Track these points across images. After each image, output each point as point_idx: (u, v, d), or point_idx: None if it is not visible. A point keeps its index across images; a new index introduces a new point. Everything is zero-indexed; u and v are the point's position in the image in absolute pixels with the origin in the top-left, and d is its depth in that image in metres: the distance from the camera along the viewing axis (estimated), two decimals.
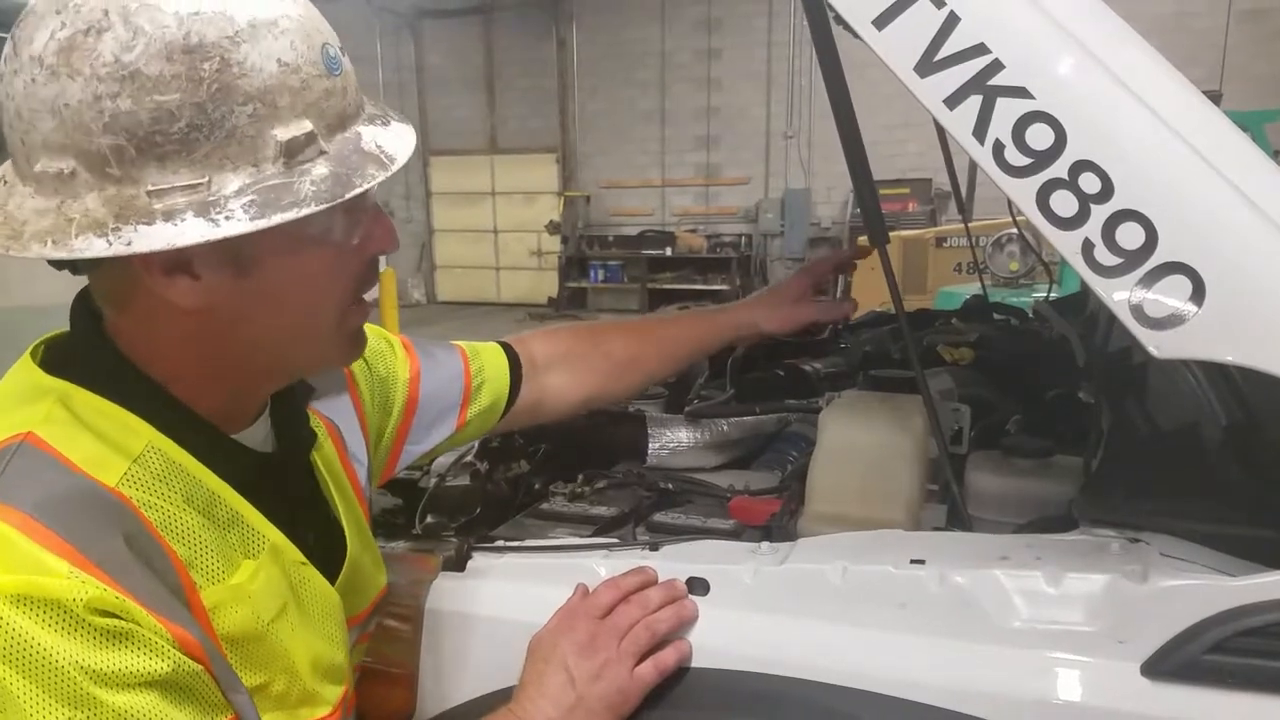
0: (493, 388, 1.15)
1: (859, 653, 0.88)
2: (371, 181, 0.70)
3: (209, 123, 0.64)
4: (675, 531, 1.17)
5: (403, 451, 1.10)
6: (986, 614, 0.87)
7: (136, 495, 0.69)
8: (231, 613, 0.73)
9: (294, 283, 0.73)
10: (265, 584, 0.76)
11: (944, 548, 0.96)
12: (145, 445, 0.72)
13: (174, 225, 0.63)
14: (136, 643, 0.63)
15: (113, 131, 0.62)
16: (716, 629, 0.94)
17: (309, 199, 0.66)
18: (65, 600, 0.61)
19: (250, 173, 0.66)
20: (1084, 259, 0.79)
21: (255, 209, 0.65)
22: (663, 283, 13.17)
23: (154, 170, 0.63)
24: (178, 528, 0.71)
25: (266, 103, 0.66)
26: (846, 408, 1.19)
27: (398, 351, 1.09)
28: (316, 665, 0.81)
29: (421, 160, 14.93)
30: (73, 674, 0.60)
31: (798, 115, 12.36)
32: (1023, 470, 1.21)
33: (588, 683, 0.88)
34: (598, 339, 1.26)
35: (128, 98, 0.62)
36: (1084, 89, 0.81)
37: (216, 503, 0.75)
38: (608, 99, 13.51)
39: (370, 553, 0.96)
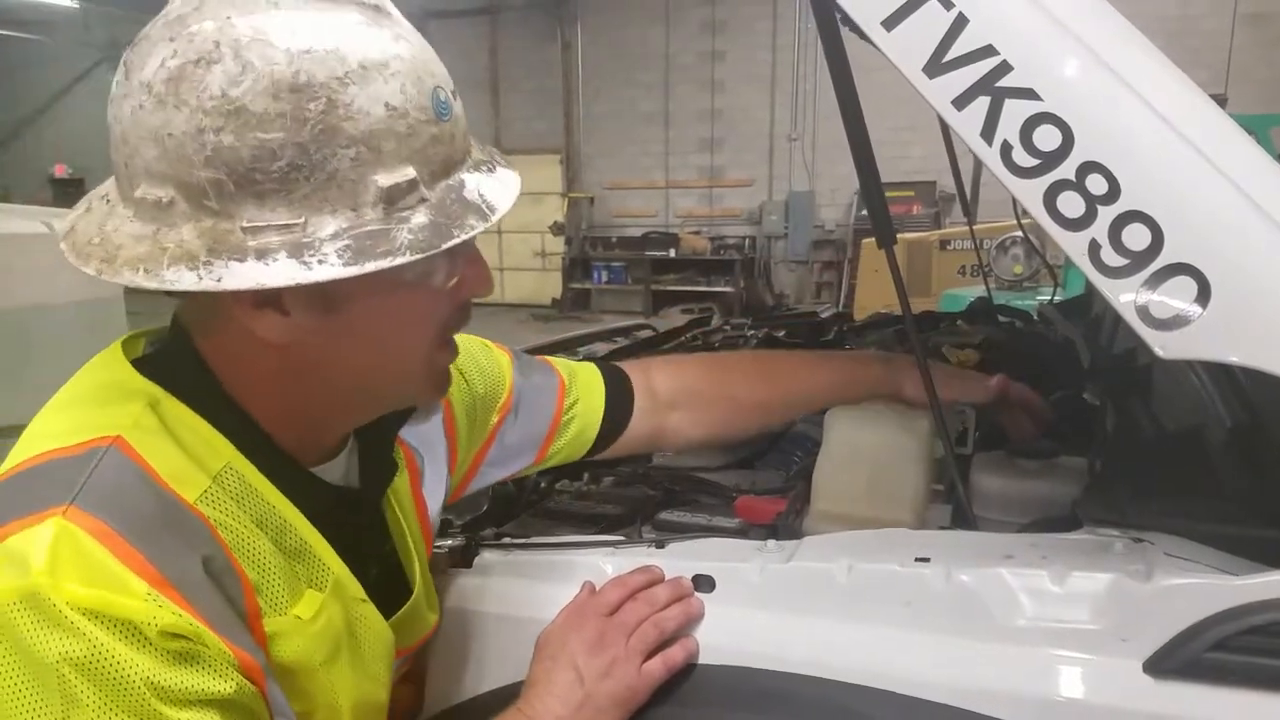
0: (583, 424, 1.13)
1: (865, 650, 0.89)
2: (471, 232, 0.69)
3: (310, 164, 0.63)
4: (681, 530, 1.18)
5: (478, 473, 1.08)
6: (991, 612, 0.87)
7: (213, 515, 0.69)
8: (289, 644, 0.73)
9: (383, 324, 0.73)
10: (325, 625, 0.76)
11: (949, 546, 0.96)
12: (224, 464, 0.72)
13: (265, 264, 0.63)
14: (203, 664, 0.64)
15: (213, 165, 0.62)
16: (722, 626, 0.94)
17: (405, 248, 0.65)
18: (140, 622, 0.61)
19: (348, 217, 0.65)
20: (1090, 260, 0.80)
21: (349, 254, 0.64)
22: (666, 284, 13.19)
23: (251, 207, 0.63)
24: (249, 551, 0.71)
25: (371, 147, 0.64)
26: (852, 408, 1.20)
27: (503, 373, 1.06)
28: (358, 706, 0.81)
29: None
30: (141, 689, 0.61)
31: (802, 117, 12.36)
32: (1028, 471, 1.21)
33: (596, 680, 0.89)
34: (724, 379, 1.22)
35: (230, 133, 0.61)
36: (1091, 91, 0.82)
37: (286, 530, 0.75)
38: (612, 100, 13.52)
39: (428, 590, 0.95)
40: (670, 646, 0.92)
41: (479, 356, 1.05)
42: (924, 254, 7.65)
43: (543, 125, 14.06)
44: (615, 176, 13.83)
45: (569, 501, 1.30)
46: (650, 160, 13.56)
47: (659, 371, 1.20)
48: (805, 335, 2.01)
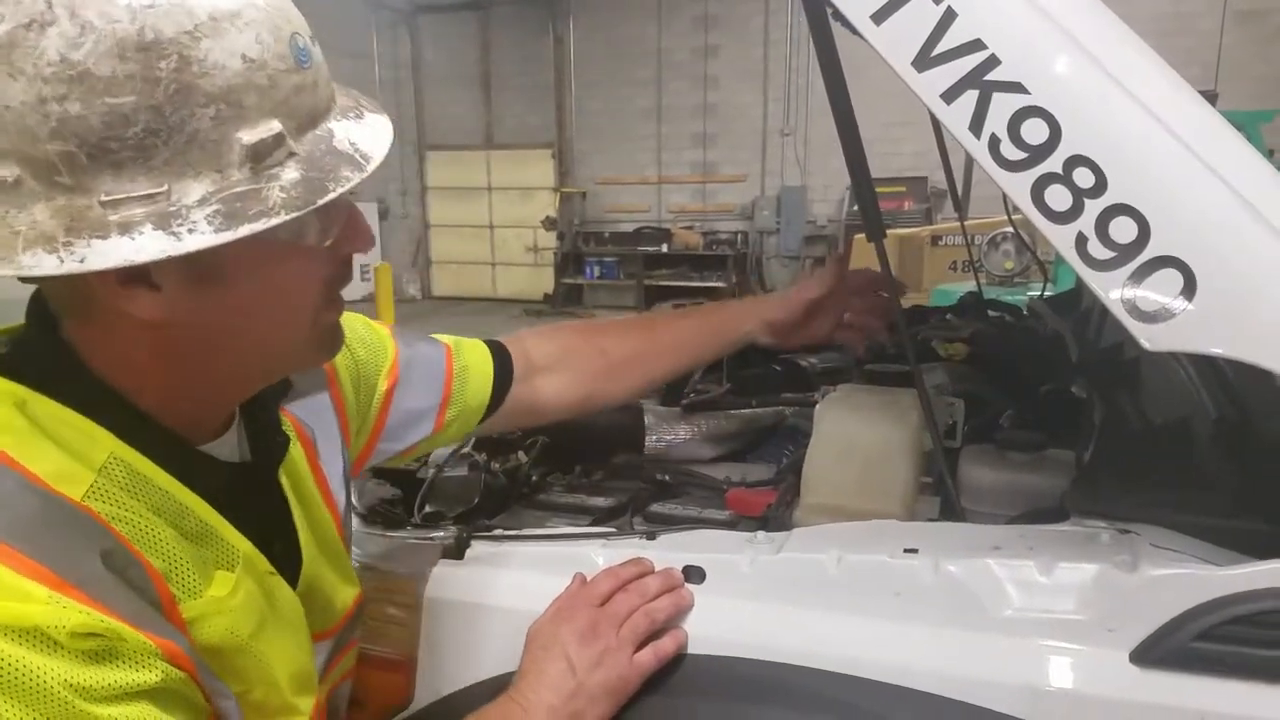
0: (476, 388, 1.10)
1: (854, 640, 0.89)
2: (345, 185, 0.65)
3: (167, 127, 0.58)
4: (672, 522, 1.19)
5: (375, 449, 1.05)
6: (979, 602, 0.88)
7: (105, 509, 0.65)
8: (211, 625, 0.70)
9: (264, 291, 0.68)
10: (245, 599, 0.73)
11: (938, 538, 0.97)
12: (108, 456, 0.67)
13: (131, 239, 0.58)
14: (123, 659, 0.61)
15: (61, 137, 0.57)
16: (713, 617, 0.95)
17: (278, 207, 0.61)
18: (46, 627, 0.58)
19: (214, 179, 0.60)
20: (1077, 253, 0.80)
21: (220, 219, 0.60)
22: (659, 279, 13.19)
23: (108, 178, 0.58)
24: (150, 540, 0.67)
25: (231, 103, 0.60)
26: (842, 401, 1.21)
27: (384, 342, 1.04)
28: (293, 676, 0.79)
29: (418, 155, 14.91)
30: (62, 693, 0.58)
31: (794, 113, 12.38)
32: (1016, 464, 1.22)
33: (588, 670, 0.89)
34: (594, 337, 1.21)
35: (76, 100, 0.56)
36: (1079, 85, 0.82)
37: (185, 514, 0.71)
38: (604, 95, 13.51)
39: (336, 564, 0.91)
40: (661, 637, 0.92)
41: (358, 328, 1.02)
42: (915, 250, 7.67)
43: (535, 120, 14.03)
44: (608, 172, 13.81)
45: (560, 494, 1.31)
46: (643, 155, 13.55)
47: (530, 339, 1.19)
48: None
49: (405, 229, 15.14)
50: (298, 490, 0.87)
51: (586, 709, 0.88)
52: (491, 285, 15.11)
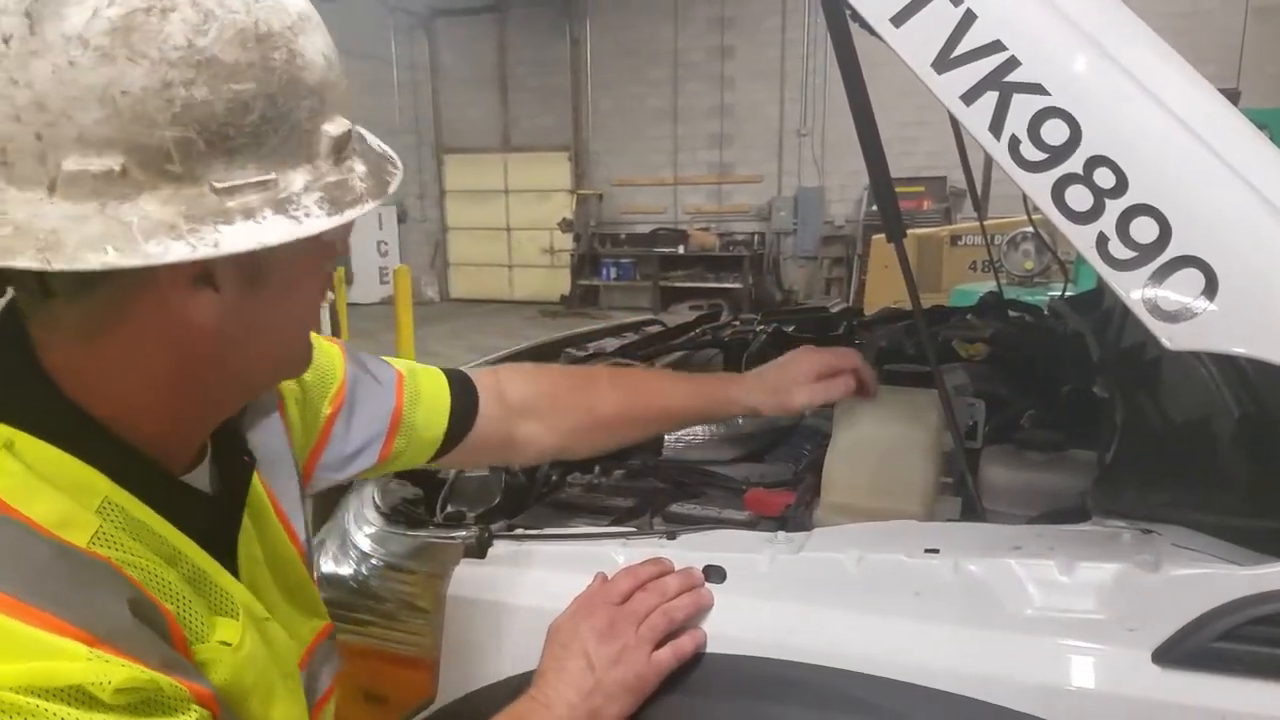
0: (428, 419, 1.04)
1: (874, 639, 0.90)
2: (396, 179, 0.68)
3: (278, 115, 0.59)
4: (691, 522, 1.19)
5: (313, 476, 0.98)
6: (999, 602, 0.88)
7: (115, 555, 0.62)
8: (217, 672, 0.67)
9: (293, 288, 0.69)
10: (251, 650, 0.71)
11: (958, 537, 0.97)
12: (103, 499, 0.63)
13: (256, 224, 0.58)
14: (163, 708, 0.58)
15: (183, 123, 0.56)
16: (733, 616, 0.95)
17: (364, 195, 0.64)
18: (90, 685, 0.54)
19: (309, 170, 0.62)
20: (1098, 253, 0.80)
21: (329, 206, 0.61)
22: (675, 280, 13.20)
23: (220, 167, 0.57)
24: (159, 584, 0.64)
25: (321, 97, 0.62)
26: (861, 402, 1.21)
27: (334, 363, 0.98)
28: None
29: (436, 159, 14.99)
30: None
31: (811, 113, 12.35)
32: (1036, 464, 1.22)
33: (606, 667, 0.89)
34: (583, 389, 1.17)
35: (204, 85, 0.56)
36: (1098, 85, 0.82)
37: (181, 559, 0.68)
38: (620, 97, 13.53)
39: (298, 596, 0.86)
40: (680, 636, 0.93)
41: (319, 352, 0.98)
42: (934, 250, 7.62)
43: (551, 122, 14.08)
44: (624, 173, 13.84)
45: (580, 494, 1.32)
46: (659, 157, 13.56)
47: (511, 378, 1.14)
48: (814, 330, 2.01)
49: (423, 232, 15.23)
50: (258, 523, 0.82)
51: (605, 705, 0.89)
52: (508, 287, 15.17)
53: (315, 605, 0.89)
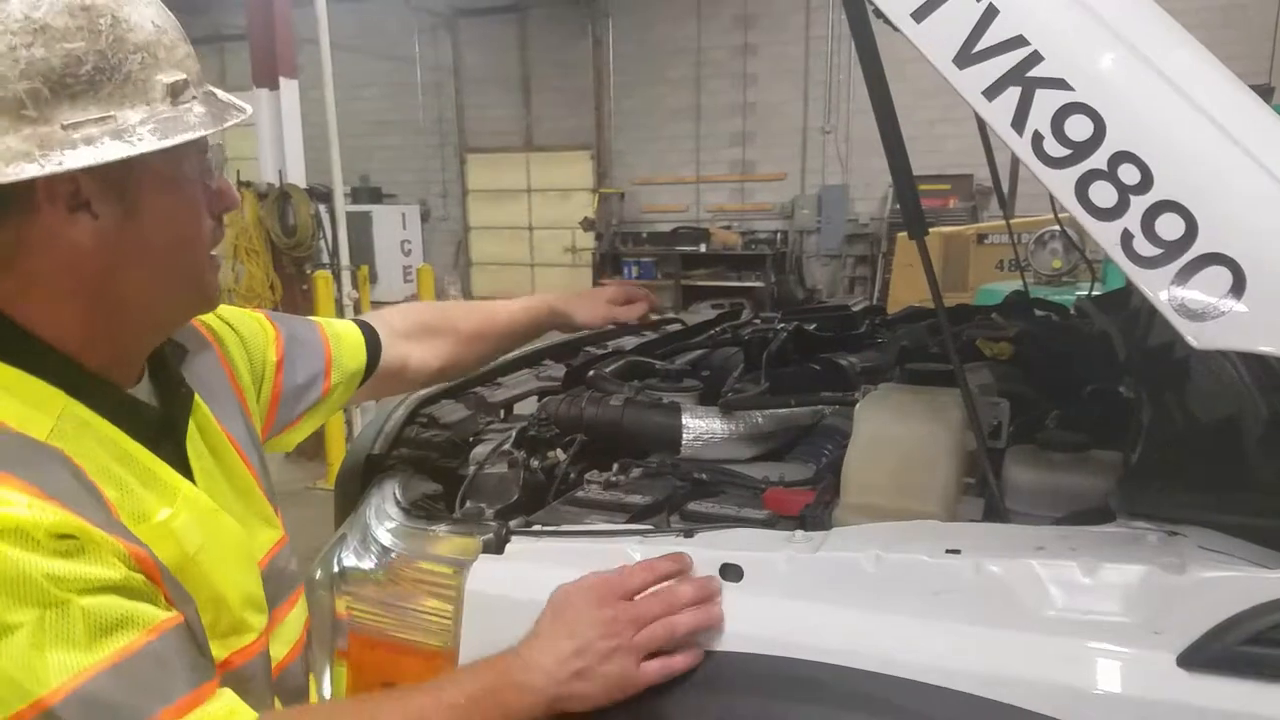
0: (351, 354, 1.25)
1: (892, 639, 0.89)
2: (239, 117, 0.85)
3: (110, 66, 0.76)
4: (709, 520, 1.19)
5: (275, 419, 1.18)
6: (1021, 602, 0.87)
7: (67, 446, 0.78)
8: (160, 548, 0.81)
9: (169, 222, 0.84)
10: (184, 524, 0.85)
11: (979, 538, 0.96)
12: (61, 409, 0.80)
13: (95, 148, 0.75)
14: (92, 556, 0.73)
15: (29, 77, 0.73)
16: (749, 615, 0.95)
17: (196, 125, 0.81)
18: (28, 527, 0.70)
19: (145, 109, 0.79)
20: (1123, 250, 0.79)
21: (159, 132, 0.78)
22: (696, 280, 13.14)
23: (66, 108, 0.75)
24: (105, 474, 0.80)
25: (150, 53, 0.79)
26: (882, 400, 1.20)
27: (262, 321, 1.18)
28: (241, 596, 0.91)
29: (458, 158, 15.07)
30: (41, 581, 0.70)
31: (835, 111, 12.27)
32: (1059, 464, 1.20)
33: (595, 659, 0.90)
34: (446, 315, 1.42)
35: (41, 46, 0.73)
36: (1123, 80, 0.81)
37: (130, 460, 0.84)
38: (643, 96, 13.51)
39: (253, 506, 1.02)
40: (675, 654, 0.92)
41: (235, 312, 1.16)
42: (961, 248, 7.54)
43: (573, 122, 14.09)
44: (646, 172, 13.82)
45: (597, 491, 1.32)
46: (681, 155, 13.53)
47: (391, 313, 1.37)
48: (836, 328, 2.00)
49: (446, 231, 15.30)
50: (206, 437, 0.98)
51: (582, 691, 0.90)
52: (531, 286, 15.21)
53: (270, 517, 1.05)
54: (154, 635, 0.75)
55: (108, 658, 0.72)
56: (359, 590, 1.19)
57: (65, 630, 0.71)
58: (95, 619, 0.72)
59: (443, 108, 14.77)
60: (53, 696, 0.69)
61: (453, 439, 1.52)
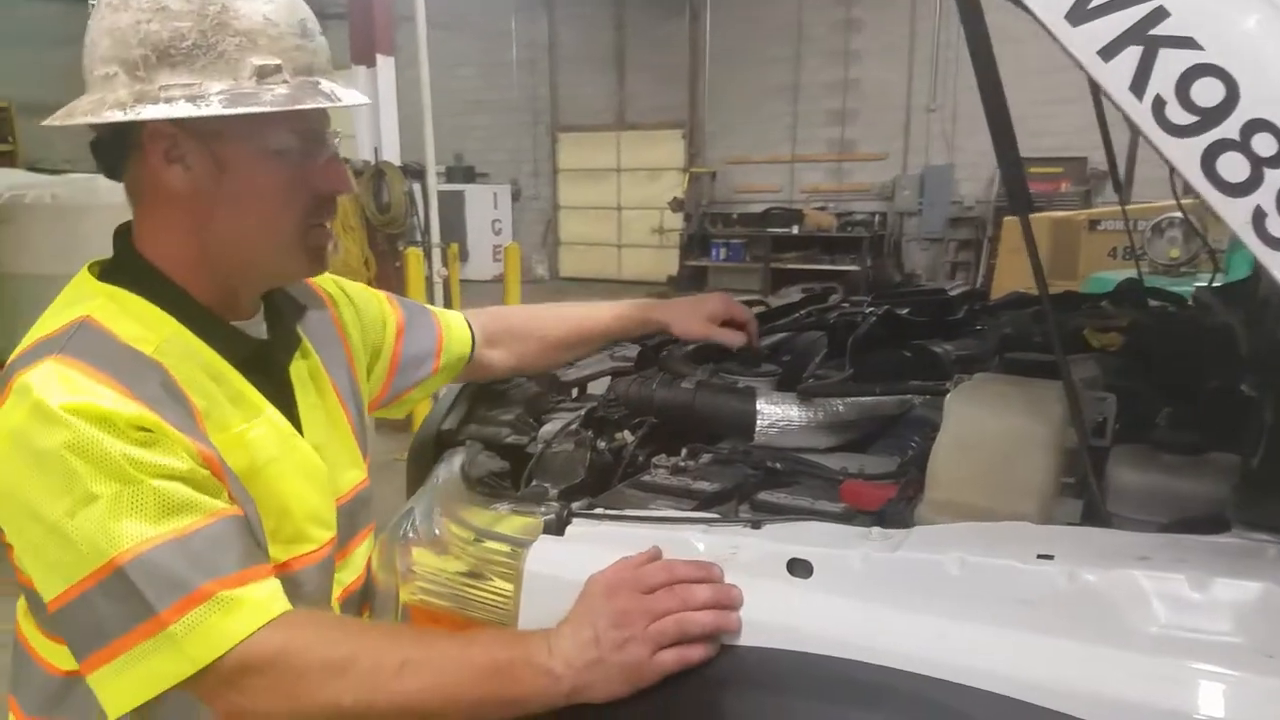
0: (459, 341, 1.40)
1: (975, 649, 0.82)
2: (316, 104, 0.95)
3: (207, 44, 0.91)
4: (780, 511, 1.13)
5: (391, 385, 1.34)
6: (1120, 617, 0.80)
7: (167, 361, 0.94)
8: (234, 455, 0.96)
9: (255, 184, 0.97)
10: (260, 438, 1.00)
11: (1075, 544, 0.88)
12: (171, 331, 0.97)
13: (170, 105, 0.90)
14: (163, 448, 0.89)
15: (144, 45, 0.90)
16: (818, 614, 0.90)
17: (266, 103, 0.92)
18: (111, 415, 0.86)
19: (230, 83, 0.92)
20: (1254, 229, 0.71)
21: (227, 102, 0.91)
22: (787, 262, 12.90)
23: (166, 73, 0.91)
24: (197, 386, 0.96)
25: (250, 38, 0.93)
26: (976, 391, 1.12)
27: (382, 301, 1.34)
28: (306, 511, 1.04)
29: (550, 137, 15.19)
30: (120, 460, 0.86)
31: (942, 88, 11.83)
32: (1171, 467, 1.10)
33: (610, 650, 0.90)
34: (535, 320, 1.52)
35: (157, 23, 0.90)
36: (1262, 38, 0.72)
37: (224, 379, 0.99)
38: (739, 73, 13.31)
39: (345, 447, 1.16)
40: (691, 645, 0.90)
41: (357, 288, 1.32)
42: (1071, 234, 7.17)
43: (667, 100, 14.00)
44: (739, 151, 13.63)
45: (664, 476, 1.28)
46: (776, 134, 13.29)
47: (483, 316, 1.48)
48: (931, 313, 1.90)
49: (535, 210, 15.49)
50: (315, 377, 1.14)
51: (599, 681, 0.90)
52: (617, 267, 15.25)
53: (358, 460, 1.19)
54: (213, 519, 0.89)
55: (172, 531, 0.86)
56: (421, 563, 1.19)
57: (138, 504, 0.86)
58: (164, 499, 0.87)
59: (536, 85, 14.90)
60: (122, 557, 0.84)
61: (523, 416, 1.50)
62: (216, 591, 0.86)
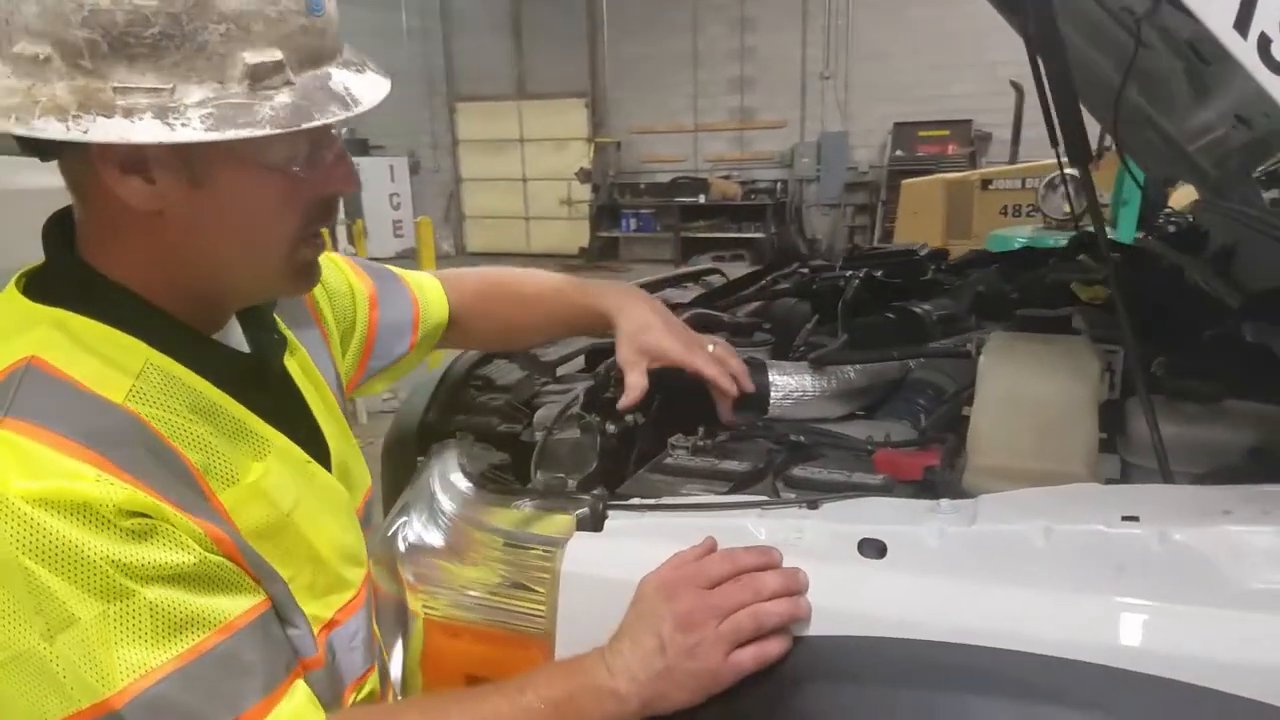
0: (435, 309, 1.22)
1: (1072, 620, 0.79)
2: (331, 118, 0.71)
3: (181, 34, 0.66)
4: (819, 487, 1.09)
5: (366, 367, 1.15)
6: (1221, 575, 0.77)
7: (144, 410, 0.72)
8: (251, 510, 0.77)
9: (244, 203, 0.75)
10: (277, 481, 0.81)
11: (1154, 502, 0.86)
12: (144, 363, 0.75)
13: (130, 122, 0.65)
14: (163, 538, 0.68)
15: (89, 26, 0.64)
16: (900, 597, 0.85)
17: (265, 122, 0.68)
18: (94, 503, 0.65)
19: (214, 88, 0.67)
20: None
21: (211, 121, 0.66)
22: (696, 231, 12.96)
23: (123, 69, 0.65)
24: (188, 437, 0.75)
25: (240, 25, 0.67)
26: (1010, 352, 1.09)
27: (349, 273, 1.13)
28: (339, 552, 0.88)
29: (448, 107, 14.71)
30: (105, 569, 0.65)
31: (835, 56, 11.98)
32: (1190, 416, 1.11)
33: (679, 656, 0.82)
34: (500, 302, 1.29)
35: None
36: None
37: (219, 413, 0.79)
38: (639, 41, 13.16)
39: (353, 452, 1.00)
40: (767, 640, 0.83)
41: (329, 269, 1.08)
42: (965, 194, 7.44)
43: (568, 68, 13.72)
44: (643, 120, 13.52)
45: (686, 457, 1.21)
46: (679, 103, 13.23)
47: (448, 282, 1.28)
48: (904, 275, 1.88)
49: (437, 183, 15.01)
50: (310, 378, 0.96)
51: (669, 692, 0.82)
52: (525, 240, 14.97)
53: (359, 457, 1.01)
54: (226, 634, 0.71)
55: (176, 658, 0.68)
56: (431, 571, 1.09)
57: (132, 625, 0.66)
58: (164, 614, 0.67)
59: (430, 54, 14.37)
60: (118, 698, 0.65)
61: (512, 402, 1.40)
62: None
